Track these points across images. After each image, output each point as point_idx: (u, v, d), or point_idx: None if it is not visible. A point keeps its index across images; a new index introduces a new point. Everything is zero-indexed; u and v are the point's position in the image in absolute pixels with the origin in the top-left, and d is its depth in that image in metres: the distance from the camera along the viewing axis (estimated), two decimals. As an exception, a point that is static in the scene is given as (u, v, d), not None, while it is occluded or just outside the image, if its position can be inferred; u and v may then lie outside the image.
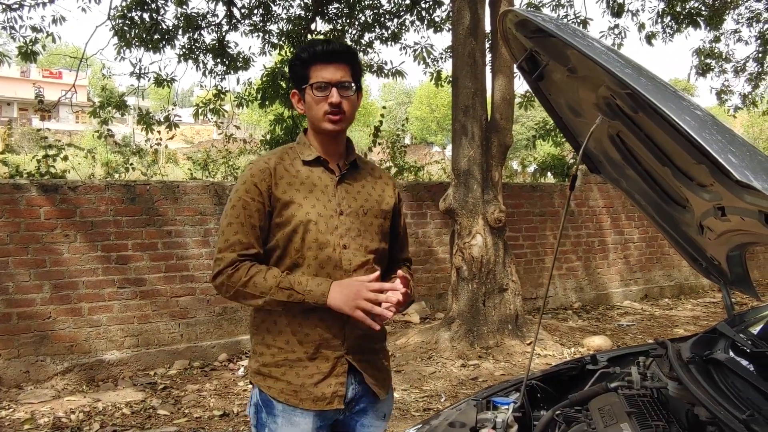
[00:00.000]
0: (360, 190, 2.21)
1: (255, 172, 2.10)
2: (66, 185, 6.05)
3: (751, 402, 1.74)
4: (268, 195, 2.07)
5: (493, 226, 6.77)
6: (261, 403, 2.12)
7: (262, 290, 2.01)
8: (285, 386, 2.08)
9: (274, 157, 2.16)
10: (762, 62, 12.76)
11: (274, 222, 2.09)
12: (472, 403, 2.37)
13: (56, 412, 5.18)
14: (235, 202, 2.08)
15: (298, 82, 2.15)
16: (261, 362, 2.12)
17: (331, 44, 2.13)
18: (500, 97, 7.08)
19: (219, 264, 2.05)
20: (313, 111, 2.11)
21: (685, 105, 1.43)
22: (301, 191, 2.11)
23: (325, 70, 2.09)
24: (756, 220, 1.72)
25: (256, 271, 2.03)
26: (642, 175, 2.33)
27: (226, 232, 2.06)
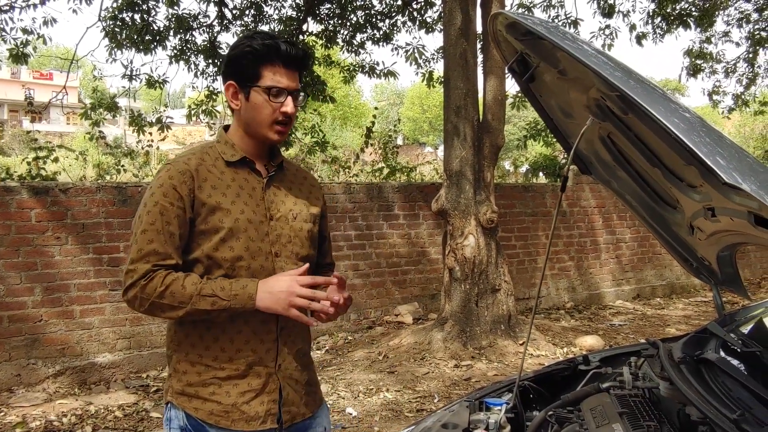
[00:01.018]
0: (288, 194, 2.04)
1: (174, 174, 1.86)
2: (57, 187, 6.03)
3: (742, 402, 1.75)
4: (191, 200, 1.86)
5: (485, 227, 6.78)
6: (190, 427, 1.90)
7: (181, 300, 1.79)
8: (215, 407, 1.89)
9: (194, 157, 1.93)
10: (752, 63, 12.83)
11: (198, 229, 1.88)
12: (464, 404, 2.37)
13: (48, 416, 5.16)
14: (151, 208, 1.84)
15: (243, 77, 1.90)
16: (186, 381, 1.90)
17: (295, 48, 1.92)
18: (492, 98, 7.10)
19: (131, 276, 1.81)
20: (259, 116, 1.91)
21: (674, 107, 1.44)
22: (228, 195, 1.91)
23: (283, 75, 1.90)
24: (745, 221, 1.73)
25: (172, 279, 1.80)
26: (632, 175, 2.34)
27: (140, 240, 1.82)
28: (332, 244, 2.34)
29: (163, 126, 10.04)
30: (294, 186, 2.09)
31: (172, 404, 1.94)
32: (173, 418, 1.94)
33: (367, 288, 7.81)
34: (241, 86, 1.91)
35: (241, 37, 1.97)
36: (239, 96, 1.92)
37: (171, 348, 1.98)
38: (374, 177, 10.17)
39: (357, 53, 11.06)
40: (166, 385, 1.98)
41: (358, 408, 5.25)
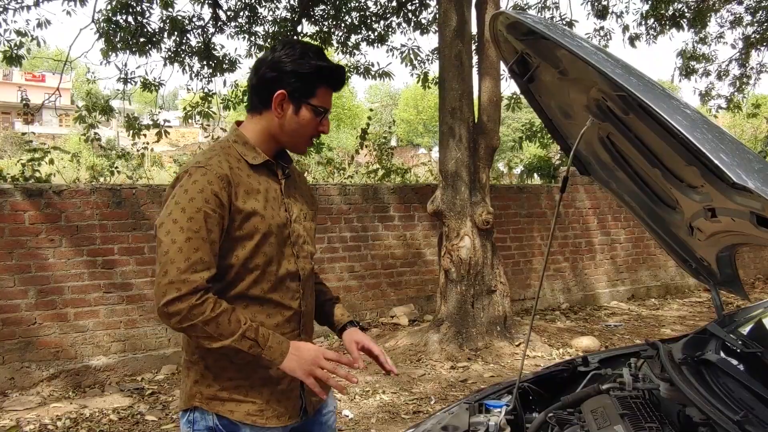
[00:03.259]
0: (297, 195, 2.10)
1: (213, 179, 1.83)
2: (51, 189, 6.00)
3: (744, 403, 1.75)
4: (229, 206, 1.85)
5: (481, 228, 6.78)
6: (221, 427, 1.93)
7: (222, 333, 1.80)
8: (250, 407, 1.94)
9: (222, 160, 1.91)
10: (744, 64, 12.87)
11: (232, 236, 1.87)
12: (464, 406, 2.36)
13: (42, 419, 5.12)
14: (193, 214, 1.79)
15: (300, 91, 1.93)
16: (218, 386, 1.93)
17: (345, 75, 2.03)
18: (487, 99, 7.09)
19: (178, 289, 1.76)
20: (301, 130, 1.97)
21: (675, 104, 1.43)
22: (260, 200, 1.92)
23: (329, 97, 1.99)
24: (746, 221, 1.73)
25: (222, 310, 1.80)
26: (632, 176, 2.34)
27: (186, 248, 1.77)
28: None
29: (162, 131, 9.98)
30: (298, 186, 2.13)
31: (199, 409, 1.94)
32: (197, 421, 1.95)
33: (362, 290, 7.79)
34: (293, 98, 1.93)
35: (293, 50, 1.95)
36: (286, 106, 1.94)
37: (197, 354, 1.96)
38: (369, 178, 10.16)
39: (352, 54, 11.04)
40: (191, 390, 1.96)
41: (354, 410, 5.24)
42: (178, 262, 1.77)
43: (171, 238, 1.78)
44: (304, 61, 1.91)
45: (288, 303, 1.99)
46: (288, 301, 1.99)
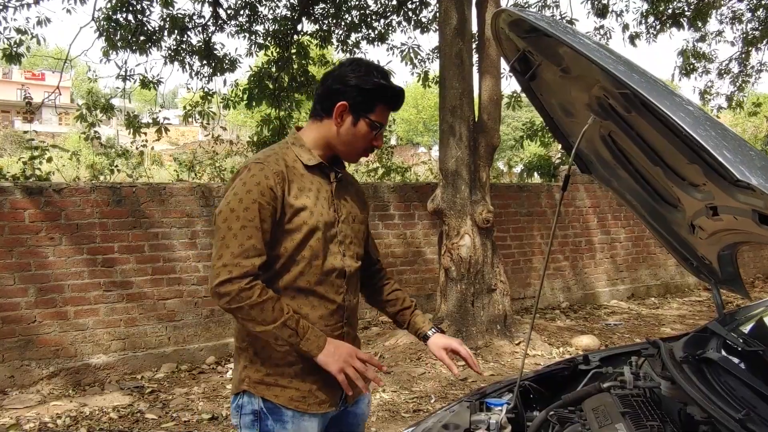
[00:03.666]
0: (347, 198, 2.22)
1: (269, 174, 1.99)
2: (51, 188, 5.99)
3: (746, 401, 1.74)
4: (282, 200, 2.00)
5: (481, 227, 6.78)
6: (266, 412, 2.06)
7: (265, 319, 1.94)
8: (294, 393, 2.06)
9: (280, 159, 2.07)
10: (745, 63, 12.86)
11: (283, 228, 2.02)
12: (465, 404, 2.36)
13: (42, 417, 5.12)
14: (249, 204, 1.95)
15: (360, 106, 2.07)
16: (265, 372, 2.06)
17: (403, 97, 2.15)
18: (487, 98, 7.09)
19: (232, 271, 1.92)
20: (356, 142, 2.11)
21: (678, 101, 1.43)
22: (310, 197, 2.06)
23: (387, 114, 2.13)
24: (749, 219, 1.73)
25: (268, 297, 1.95)
26: (633, 175, 2.33)
27: (240, 235, 1.94)
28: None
29: (161, 128, 9.97)
30: (350, 190, 2.27)
31: (247, 392, 2.07)
32: (245, 405, 2.08)
33: (362, 288, 7.78)
34: (353, 111, 2.07)
35: (359, 67, 2.09)
36: (345, 117, 2.08)
37: (246, 341, 2.10)
38: (369, 177, 10.14)
39: (352, 53, 11.04)
40: (241, 375, 2.10)
41: (354, 409, 5.23)
42: (233, 247, 1.93)
43: (228, 225, 1.96)
44: (368, 79, 2.06)
45: (332, 297, 2.11)
46: (332, 295, 2.11)
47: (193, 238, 6.66)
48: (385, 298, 2.43)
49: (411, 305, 2.43)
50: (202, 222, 6.69)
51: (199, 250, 6.68)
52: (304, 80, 10.70)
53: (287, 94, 10.71)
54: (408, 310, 2.41)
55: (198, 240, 6.68)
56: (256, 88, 10.41)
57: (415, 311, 2.42)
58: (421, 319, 2.41)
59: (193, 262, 6.65)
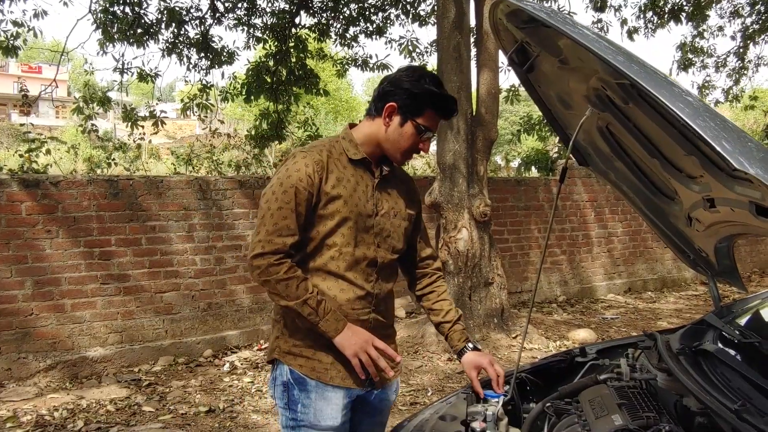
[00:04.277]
0: (391, 193, 2.31)
1: (310, 163, 2.14)
2: (47, 180, 5.98)
3: (742, 392, 1.75)
4: (318, 188, 2.13)
5: (478, 220, 6.78)
6: (293, 381, 2.20)
7: (288, 294, 2.09)
8: (316, 364, 2.19)
9: (324, 149, 2.21)
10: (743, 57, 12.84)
11: (318, 213, 2.16)
12: (462, 396, 2.37)
13: (39, 410, 5.12)
14: (287, 188, 2.11)
15: (408, 108, 2.17)
16: (292, 343, 2.22)
17: (456, 107, 2.25)
18: (485, 92, 7.08)
19: (264, 246, 2.09)
20: (402, 142, 2.20)
21: (678, 91, 1.42)
22: (347, 188, 2.18)
23: (435, 121, 2.21)
24: (746, 211, 1.73)
25: (293, 275, 2.10)
26: (630, 167, 2.33)
27: (276, 215, 2.10)
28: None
29: (159, 121, 9.95)
30: (397, 187, 2.35)
31: (279, 361, 2.25)
32: (277, 377, 2.26)
33: (360, 282, 7.78)
34: (402, 112, 2.18)
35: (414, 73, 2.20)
36: (394, 117, 2.19)
37: (279, 314, 2.27)
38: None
39: (350, 46, 11.01)
40: (273, 345, 2.29)
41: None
42: (268, 225, 2.10)
43: (268, 205, 2.13)
44: (419, 84, 2.16)
45: (361, 283, 2.21)
46: (361, 282, 2.21)
47: (191, 232, 6.65)
48: (430, 306, 2.50)
49: (452, 320, 2.46)
50: (199, 215, 6.68)
51: (196, 243, 6.67)
52: (303, 74, 10.67)
53: (285, 87, 10.68)
54: (447, 324, 2.45)
55: (195, 233, 6.67)
56: (254, 81, 10.38)
57: (454, 326, 2.45)
58: (458, 336, 2.44)
59: (190, 255, 6.64)
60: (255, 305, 7.00)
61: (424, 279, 2.52)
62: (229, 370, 6.11)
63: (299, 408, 2.20)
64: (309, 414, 2.19)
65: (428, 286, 2.51)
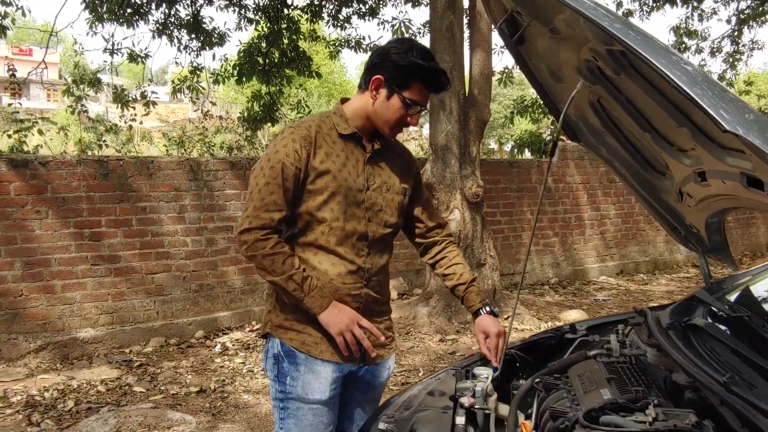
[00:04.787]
0: (384, 168, 2.29)
1: (297, 138, 2.14)
2: (36, 160, 5.93)
3: (731, 365, 1.74)
4: (306, 163, 2.13)
5: (470, 201, 6.76)
6: (283, 354, 2.22)
7: (274, 270, 2.10)
8: (306, 338, 2.20)
9: (314, 125, 2.20)
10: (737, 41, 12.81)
11: (306, 188, 2.15)
12: (451, 372, 2.36)
13: (29, 390, 5.10)
14: (275, 164, 2.11)
15: (395, 81, 2.13)
16: (283, 316, 2.23)
17: (445, 79, 2.18)
18: (478, 72, 7.04)
19: (251, 222, 2.10)
20: (389, 116, 2.17)
21: (676, 59, 1.39)
22: (336, 163, 2.17)
23: (423, 94, 2.17)
24: (737, 183, 1.71)
25: (280, 251, 2.10)
26: (622, 142, 2.31)
27: (263, 191, 2.10)
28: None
29: (149, 102, 9.88)
30: (392, 161, 2.33)
31: (270, 336, 2.27)
32: (269, 349, 2.28)
33: (352, 263, 7.76)
34: (388, 85, 2.14)
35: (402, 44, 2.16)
36: (381, 90, 2.16)
37: (272, 288, 2.27)
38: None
39: (343, 28, 10.93)
40: (266, 319, 2.31)
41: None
42: (256, 200, 2.11)
43: (256, 181, 2.13)
44: (407, 56, 2.11)
45: (352, 258, 2.21)
46: (352, 256, 2.21)
47: (182, 213, 6.62)
48: (443, 272, 2.50)
49: (467, 281, 2.46)
50: (190, 196, 6.65)
51: (188, 224, 6.64)
52: (295, 55, 10.59)
53: (278, 69, 10.60)
54: (463, 286, 2.45)
55: (186, 214, 6.63)
56: (246, 63, 10.30)
57: (470, 287, 2.45)
58: (474, 296, 2.44)
59: (181, 237, 6.61)
60: (247, 286, 6.98)
61: (434, 247, 2.52)
62: (221, 351, 6.10)
63: (288, 381, 2.22)
64: (297, 387, 2.20)
65: (439, 254, 2.51)
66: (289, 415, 2.23)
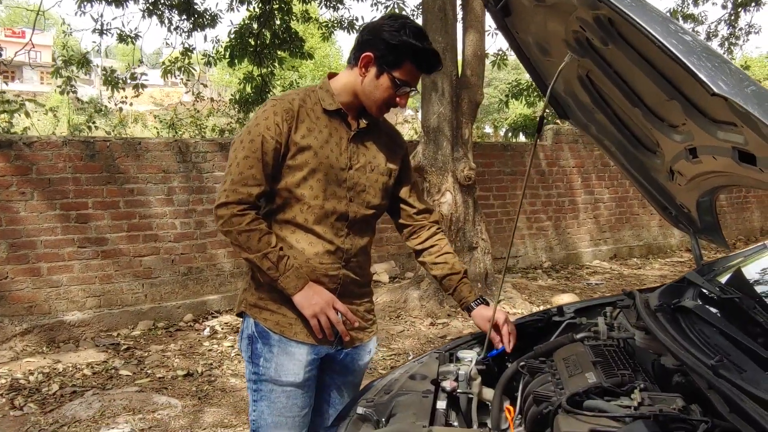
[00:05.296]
0: (369, 147, 2.21)
1: (278, 111, 2.06)
2: (21, 141, 5.83)
3: (720, 348, 1.68)
4: (287, 137, 2.06)
5: (462, 184, 6.69)
6: (256, 335, 2.16)
7: (249, 247, 2.03)
8: (281, 318, 2.13)
9: (297, 98, 2.12)
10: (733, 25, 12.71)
11: (287, 164, 2.08)
12: (434, 355, 2.30)
13: (14, 374, 5.04)
14: (255, 137, 2.04)
15: (385, 59, 2.05)
16: (258, 295, 2.17)
17: (438, 60, 2.12)
18: (471, 53, 6.94)
19: (228, 196, 2.03)
20: (378, 94, 2.09)
21: (674, 29, 1.30)
22: (319, 139, 2.10)
23: (414, 75, 2.10)
24: (729, 159, 1.64)
25: (256, 227, 2.04)
26: (612, 118, 2.24)
27: (242, 164, 2.04)
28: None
29: (139, 84, 9.78)
30: (378, 140, 2.24)
31: (245, 315, 2.21)
32: (244, 330, 2.22)
33: (343, 247, 7.70)
34: (378, 63, 2.06)
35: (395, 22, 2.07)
36: (370, 68, 2.08)
37: (248, 266, 2.19)
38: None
39: (336, 9, 10.81)
40: (240, 297, 2.25)
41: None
42: (234, 174, 2.04)
43: (235, 154, 2.07)
44: (398, 35, 2.03)
45: (330, 238, 2.13)
46: (331, 236, 2.13)
47: (170, 195, 6.53)
48: (433, 260, 2.39)
49: (460, 271, 2.38)
50: (179, 178, 6.56)
51: (176, 206, 6.55)
52: (287, 37, 10.47)
53: (270, 51, 10.49)
54: (456, 276, 2.37)
55: (175, 196, 6.55)
56: (238, 44, 10.18)
57: (463, 279, 2.38)
58: (468, 289, 2.38)
59: (169, 219, 6.53)
60: (236, 269, 6.91)
61: (422, 232, 2.41)
62: (210, 335, 6.04)
63: (261, 362, 2.16)
64: (270, 369, 2.14)
65: (428, 239, 2.40)
66: (262, 397, 2.17)
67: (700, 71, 1.20)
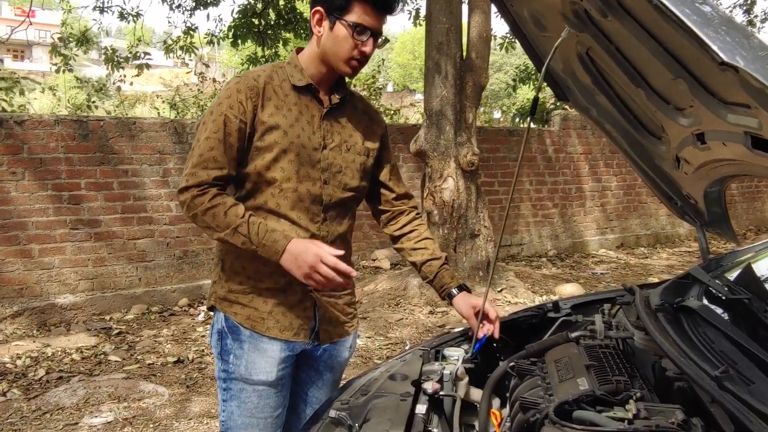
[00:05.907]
0: (345, 125, 2.06)
1: (242, 88, 1.90)
2: (11, 119, 5.69)
3: (726, 355, 1.51)
4: (252, 116, 1.90)
5: (465, 170, 6.51)
6: (226, 330, 2.02)
7: (219, 224, 1.86)
8: (252, 312, 1.99)
9: (263, 75, 1.95)
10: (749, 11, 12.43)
11: (253, 146, 1.92)
12: (418, 353, 2.14)
13: (2, 358, 4.94)
14: (216, 117, 1.89)
15: (332, 6, 1.88)
16: (228, 288, 2.03)
17: None
18: (476, 35, 6.74)
19: (188, 180, 1.88)
20: (338, 48, 1.90)
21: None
22: (288, 117, 1.94)
23: (371, 15, 1.88)
24: (740, 145, 1.47)
25: (219, 202, 1.87)
26: (614, 100, 2.07)
27: (202, 146, 1.88)
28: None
29: (142, 65, 9.64)
30: (354, 118, 2.09)
31: (215, 309, 2.06)
32: (214, 324, 2.08)
33: (343, 232, 7.56)
34: (328, 14, 1.90)
35: None
36: (323, 23, 1.92)
37: (218, 256, 2.08)
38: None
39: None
40: (210, 290, 2.11)
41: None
42: (194, 157, 1.89)
43: (198, 136, 1.92)
44: None
45: (305, 224, 1.98)
46: (306, 223, 1.98)
47: (165, 176, 6.39)
48: (412, 246, 2.25)
49: (441, 257, 2.25)
50: (174, 159, 6.41)
51: (171, 188, 6.41)
52: (292, 17, 10.27)
53: (274, 31, 10.30)
54: (437, 262, 2.23)
55: (170, 178, 6.40)
56: (242, 25, 9.99)
57: (444, 265, 2.25)
58: (449, 275, 2.24)
59: (165, 201, 6.39)
60: (233, 254, 6.78)
61: (401, 217, 2.27)
62: (204, 320, 5.92)
63: (231, 359, 2.01)
64: (240, 366, 2.00)
65: (408, 225, 2.27)
66: (231, 396, 2.02)
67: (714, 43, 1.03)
